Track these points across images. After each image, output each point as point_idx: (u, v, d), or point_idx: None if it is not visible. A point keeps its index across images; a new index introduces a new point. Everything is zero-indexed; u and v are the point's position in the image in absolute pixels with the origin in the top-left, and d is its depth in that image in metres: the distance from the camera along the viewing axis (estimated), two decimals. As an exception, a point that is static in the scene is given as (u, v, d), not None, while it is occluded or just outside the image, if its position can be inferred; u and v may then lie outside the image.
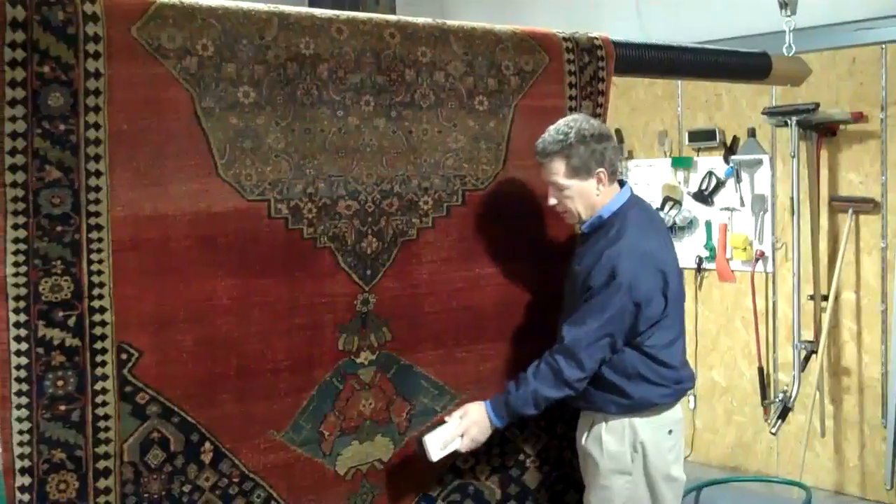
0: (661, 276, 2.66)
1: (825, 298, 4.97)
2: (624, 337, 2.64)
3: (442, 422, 2.66)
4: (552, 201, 2.73)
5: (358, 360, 2.60)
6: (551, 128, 2.70)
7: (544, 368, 2.63)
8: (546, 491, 2.94)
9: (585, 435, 2.76)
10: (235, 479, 2.40)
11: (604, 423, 2.72)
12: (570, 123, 2.68)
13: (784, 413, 4.90)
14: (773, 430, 4.95)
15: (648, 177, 5.72)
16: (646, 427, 2.71)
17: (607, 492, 2.73)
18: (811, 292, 5.00)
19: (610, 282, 2.59)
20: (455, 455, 2.68)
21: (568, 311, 2.73)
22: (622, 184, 2.79)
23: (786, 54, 3.97)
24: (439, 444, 2.61)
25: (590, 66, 3.02)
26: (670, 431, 2.77)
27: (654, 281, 2.65)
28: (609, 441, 2.71)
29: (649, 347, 2.67)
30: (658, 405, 2.73)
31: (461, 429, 2.65)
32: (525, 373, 2.65)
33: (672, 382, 2.74)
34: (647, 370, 2.68)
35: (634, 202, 2.79)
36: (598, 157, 2.67)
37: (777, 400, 5.00)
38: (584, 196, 2.70)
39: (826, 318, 4.93)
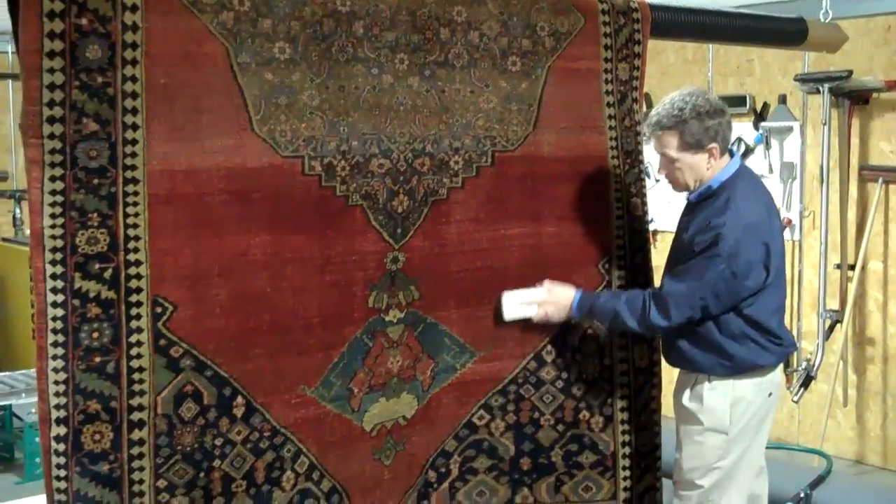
0: (764, 249, 2.70)
1: (852, 268, 4.95)
2: (720, 302, 2.70)
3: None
4: (663, 172, 2.79)
5: (387, 318, 2.62)
6: (666, 100, 2.73)
7: (636, 300, 2.75)
8: (560, 450, 2.96)
9: (687, 393, 2.83)
10: (266, 434, 2.43)
11: (706, 383, 2.78)
12: (685, 98, 2.69)
13: (807, 381, 4.91)
14: (796, 399, 4.96)
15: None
16: (749, 387, 2.78)
17: (701, 447, 2.81)
18: (837, 261, 4.98)
19: (711, 249, 2.64)
20: (470, 411, 2.78)
21: None
22: (731, 154, 2.81)
23: (822, 20, 3.92)
24: (516, 303, 2.75)
25: (625, 29, 2.99)
26: (770, 394, 2.84)
27: (756, 253, 2.68)
28: (711, 398, 2.78)
29: (753, 313, 2.74)
30: (762, 367, 2.79)
31: (541, 298, 2.79)
32: (621, 293, 2.82)
33: (775, 346, 2.79)
34: (752, 333, 2.75)
35: (743, 173, 2.81)
36: (712, 133, 2.69)
37: (800, 368, 5.00)
38: (694, 169, 2.73)
39: (852, 287, 4.92)
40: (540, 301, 2.80)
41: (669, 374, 2.94)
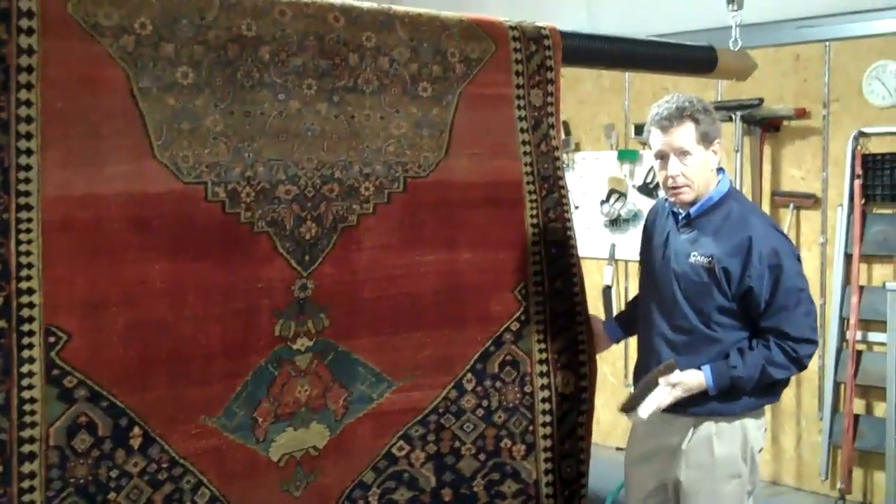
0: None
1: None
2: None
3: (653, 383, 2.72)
4: (674, 170, 2.73)
5: (294, 347, 2.58)
6: (664, 100, 2.75)
7: (771, 349, 2.68)
8: (482, 479, 2.94)
9: (686, 439, 2.79)
10: (164, 465, 2.36)
11: (713, 425, 2.76)
12: (682, 96, 2.75)
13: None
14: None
15: (595, 169, 5.75)
16: (756, 430, 2.80)
17: (717, 498, 2.77)
18: (751, 285, 5.06)
19: (785, 260, 2.67)
20: (389, 442, 2.74)
21: (670, 302, 2.79)
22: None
23: (732, 49, 4.00)
24: (651, 408, 2.69)
25: (537, 55, 3.01)
26: (765, 429, 2.90)
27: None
28: (721, 445, 2.76)
29: None
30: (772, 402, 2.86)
31: (671, 396, 2.71)
32: (744, 350, 2.70)
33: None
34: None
35: (734, 188, 2.87)
36: (717, 129, 2.74)
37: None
38: (703, 168, 2.74)
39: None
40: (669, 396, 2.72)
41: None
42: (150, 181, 2.30)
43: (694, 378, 2.71)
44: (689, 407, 2.75)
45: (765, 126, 5.01)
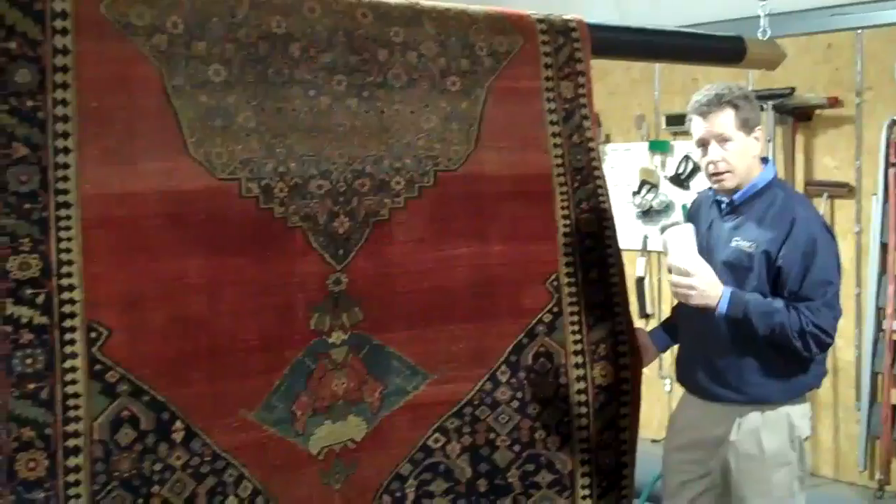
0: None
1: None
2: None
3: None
4: (715, 156, 2.75)
5: (330, 340, 2.60)
6: (705, 89, 2.77)
7: (786, 307, 2.65)
8: (517, 470, 2.94)
9: (734, 431, 2.80)
10: (207, 458, 2.39)
11: (759, 416, 2.77)
12: (721, 84, 2.77)
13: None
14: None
15: (625, 161, 5.74)
16: (801, 419, 2.80)
17: (768, 485, 2.77)
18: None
19: (820, 251, 2.67)
20: (425, 434, 2.74)
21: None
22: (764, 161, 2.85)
23: (761, 38, 3.98)
24: (682, 243, 2.72)
25: (565, 48, 3.01)
26: (810, 416, 2.88)
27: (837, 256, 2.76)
28: (768, 436, 2.76)
29: None
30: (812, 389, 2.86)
31: (695, 269, 2.68)
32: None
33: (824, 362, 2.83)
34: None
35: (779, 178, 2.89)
36: (757, 116, 2.75)
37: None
38: (745, 154, 2.75)
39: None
40: (692, 271, 2.70)
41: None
42: (184, 178, 2.33)
43: (713, 287, 2.69)
44: (731, 394, 2.78)
45: (797, 115, 4.98)
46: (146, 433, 2.29)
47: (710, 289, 2.68)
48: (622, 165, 5.73)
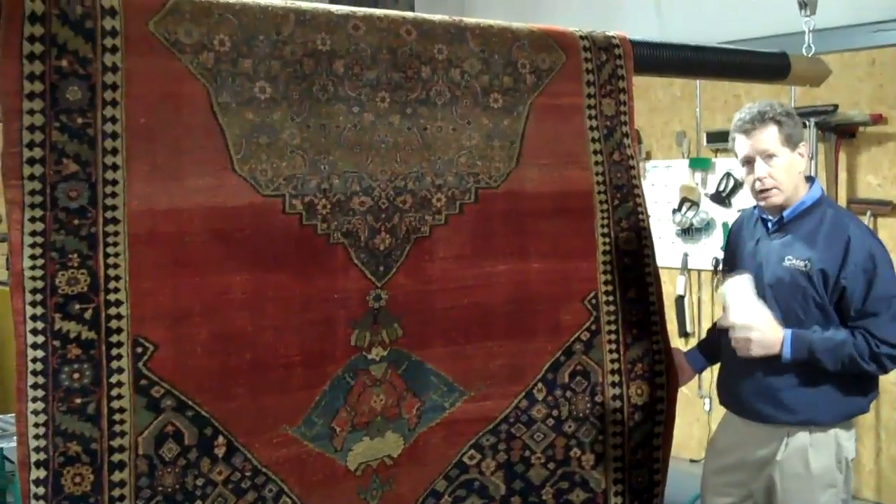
0: None
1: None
2: None
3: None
4: (761, 172, 2.76)
5: (370, 356, 2.61)
6: (746, 107, 2.81)
7: (860, 339, 2.66)
8: (551, 488, 2.93)
9: (780, 451, 2.79)
10: (248, 473, 2.41)
11: (807, 436, 2.76)
12: (764, 102, 2.78)
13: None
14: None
15: (666, 178, 5.71)
16: (847, 441, 2.79)
17: None
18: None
19: (880, 266, 2.68)
20: (461, 451, 2.73)
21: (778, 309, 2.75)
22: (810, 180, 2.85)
23: (805, 55, 3.95)
24: (742, 297, 2.71)
25: (608, 65, 3.01)
26: (856, 440, 2.86)
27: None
28: (816, 456, 2.76)
29: None
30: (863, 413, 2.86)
31: (757, 321, 2.70)
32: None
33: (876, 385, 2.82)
34: None
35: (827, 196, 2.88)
36: (800, 131, 2.78)
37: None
38: (791, 171, 2.76)
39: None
40: (753, 325, 2.72)
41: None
42: (230, 194, 2.35)
43: (773, 334, 2.70)
44: (782, 415, 2.77)
45: (840, 132, 4.92)
46: (189, 448, 2.31)
47: (771, 335, 2.71)
48: (663, 183, 5.70)
